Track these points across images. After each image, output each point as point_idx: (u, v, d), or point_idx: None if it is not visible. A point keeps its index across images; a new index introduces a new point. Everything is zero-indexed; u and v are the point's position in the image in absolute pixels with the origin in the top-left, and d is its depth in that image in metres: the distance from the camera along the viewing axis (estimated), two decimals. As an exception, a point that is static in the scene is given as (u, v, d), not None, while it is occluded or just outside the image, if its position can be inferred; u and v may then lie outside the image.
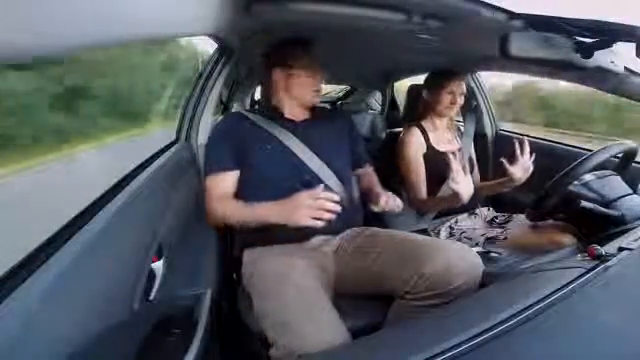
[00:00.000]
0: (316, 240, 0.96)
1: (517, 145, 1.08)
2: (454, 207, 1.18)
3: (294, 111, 1.04)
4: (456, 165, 1.00)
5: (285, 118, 1.03)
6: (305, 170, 0.98)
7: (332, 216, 0.77)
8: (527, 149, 1.08)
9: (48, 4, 0.29)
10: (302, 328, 0.67)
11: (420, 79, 1.50)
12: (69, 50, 0.38)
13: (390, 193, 0.97)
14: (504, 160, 1.08)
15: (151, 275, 0.66)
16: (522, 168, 1.09)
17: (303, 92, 1.01)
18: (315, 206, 0.77)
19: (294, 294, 0.73)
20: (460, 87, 1.27)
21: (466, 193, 1.02)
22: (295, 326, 0.67)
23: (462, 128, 1.47)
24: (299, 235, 0.93)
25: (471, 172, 1.06)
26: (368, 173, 1.20)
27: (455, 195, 1.03)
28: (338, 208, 0.78)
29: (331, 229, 0.92)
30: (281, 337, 0.67)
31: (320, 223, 0.77)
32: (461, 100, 1.28)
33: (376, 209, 0.94)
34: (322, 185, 0.82)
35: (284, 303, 0.72)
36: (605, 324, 0.45)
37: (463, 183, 1.01)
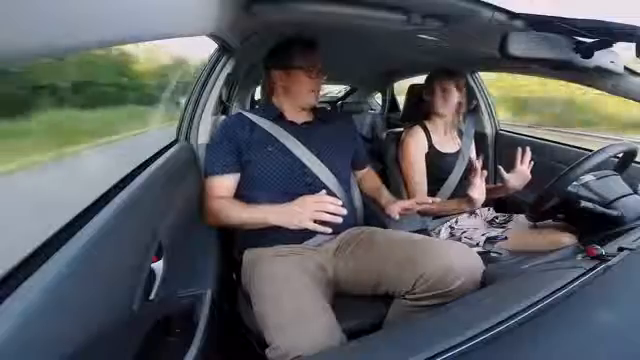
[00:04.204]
0: (316, 240, 0.96)
1: (519, 153, 1.08)
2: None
3: (294, 112, 1.04)
4: (478, 170, 1.01)
5: (286, 120, 1.02)
6: (306, 172, 0.98)
7: (339, 219, 0.78)
8: (528, 158, 1.08)
9: (48, 4, 0.29)
10: (297, 330, 0.67)
11: (421, 79, 1.50)
12: (69, 50, 0.38)
13: (403, 201, 1.01)
14: (501, 168, 1.09)
15: (151, 275, 0.66)
16: (520, 177, 1.09)
17: (301, 93, 1.00)
18: (319, 209, 0.78)
19: (291, 295, 0.74)
20: (451, 83, 1.27)
21: (480, 199, 1.03)
22: (290, 327, 0.67)
23: (462, 128, 1.47)
24: (299, 235, 0.93)
25: (470, 173, 1.07)
26: (370, 174, 1.20)
27: (469, 200, 1.04)
28: (344, 211, 0.78)
29: (331, 229, 0.93)
30: (277, 338, 0.67)
31: (322, 228, 0.77)
32: (458, 98, 1.29)
33: (397, 218, 0.98)
34: (324, 190, 0.83)
35: (281, 304, 0.72)
36: (605, 324, 0.45)
37: (479, 189, 1.02)
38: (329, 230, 0.79)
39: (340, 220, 0.78)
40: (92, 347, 0.44)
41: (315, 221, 0.78)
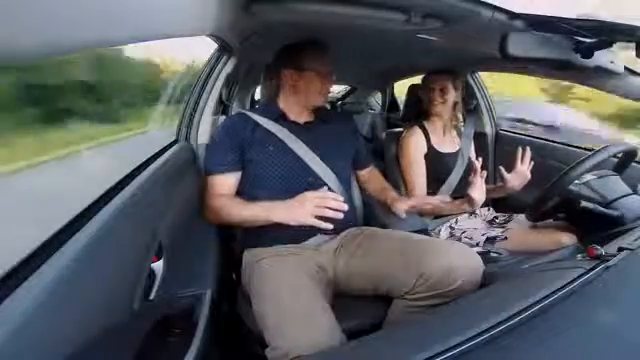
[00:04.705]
0: (316, 240, 0.96)
1: (519, 152, 1.08)
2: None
3: (298, 112, 1.03)
4: (478, 170, 1.01)
5: (288, 119, 1.02)
6: (307, 171, 0.98)
7: (340, 215, 0.78)
8: (528, 158, 1.08)
9: (48, 4, 0.29)
10: (297, 330, 0.67)
11: (421, 79, 1.50)
12: (69, 50, 0.38)
13: (409, 198, 1.02)
14: (502, 168, 1.09)
15: (151, 275, 0.66)
16: (519, 177, 1.09)
17: (311, 93, 1.00)
18: (321, 204, 0.78)
19: (291, 296, 0.74)
20: (447, 83, 1.27)
21: (480, 199, 1.03)
22: (290, 328, 0.67)
23: (462, 128, 1.47)
24: (299, 235, 0.93)
25: (469, 173, 1.07)
26: (374, 174, 1.20)
27: (469, 200, 1.04)
28: (345, 207, 0.78)
29: (332, 226, 0.93)
30: (276, 338, 0.67)
31: (325, 225, 0.77)
32: (455, 97, 1.29)
33: (404, 215, 0.99)
34: (326, 187, 0.83)
35: (281, 304, 0.72)
36: (605, 324, 0.45)
37: (480, 189, 1.02)
38: (330, 226, 0.78)
39: (342, 216, 0.78)
40: (92, 347, 0.44)
41: (317, 217, 0.78)
